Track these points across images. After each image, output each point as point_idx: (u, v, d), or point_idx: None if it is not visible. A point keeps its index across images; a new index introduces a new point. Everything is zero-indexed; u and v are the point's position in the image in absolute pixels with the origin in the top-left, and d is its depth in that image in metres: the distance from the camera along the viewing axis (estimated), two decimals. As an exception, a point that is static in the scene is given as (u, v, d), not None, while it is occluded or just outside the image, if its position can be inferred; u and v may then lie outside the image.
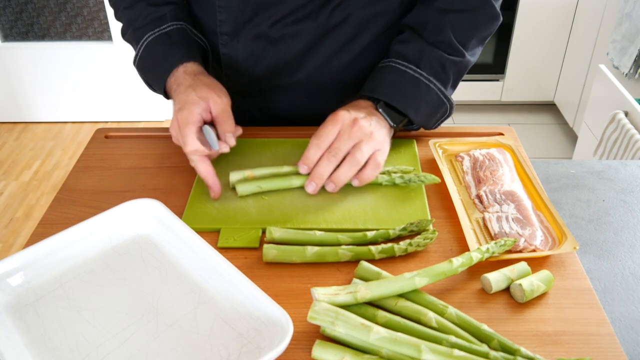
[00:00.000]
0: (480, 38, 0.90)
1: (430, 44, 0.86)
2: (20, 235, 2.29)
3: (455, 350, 0.57)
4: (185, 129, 0.78)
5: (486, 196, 0.79)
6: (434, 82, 0.86)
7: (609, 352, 0.60)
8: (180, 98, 0.82)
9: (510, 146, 0.89)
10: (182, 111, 0.79)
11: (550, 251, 0.70)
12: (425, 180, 0.81)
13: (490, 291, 0.66)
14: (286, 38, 0.90)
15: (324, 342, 0.59)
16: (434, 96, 0.86)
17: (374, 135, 0.80)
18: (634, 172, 0.95)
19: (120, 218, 0.73)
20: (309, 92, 0.96)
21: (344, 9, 0.88)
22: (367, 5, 0.88)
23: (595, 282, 0.76)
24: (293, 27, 0.89)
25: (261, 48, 0.91)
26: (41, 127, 3.04)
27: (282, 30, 0.89)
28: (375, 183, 0.82)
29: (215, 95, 0.81)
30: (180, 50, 0.89)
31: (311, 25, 0.88)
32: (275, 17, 0.88)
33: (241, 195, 0.80)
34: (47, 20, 2.88)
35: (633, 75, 2.27)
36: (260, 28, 0.89)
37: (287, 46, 0.91)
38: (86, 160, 0.91)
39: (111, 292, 0.66)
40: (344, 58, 0.92)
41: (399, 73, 0.85)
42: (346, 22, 0.89)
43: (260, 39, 0.90)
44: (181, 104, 0.81)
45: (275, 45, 0.91)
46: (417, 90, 0.85)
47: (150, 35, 0.91)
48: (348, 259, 0.71)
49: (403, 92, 0.85)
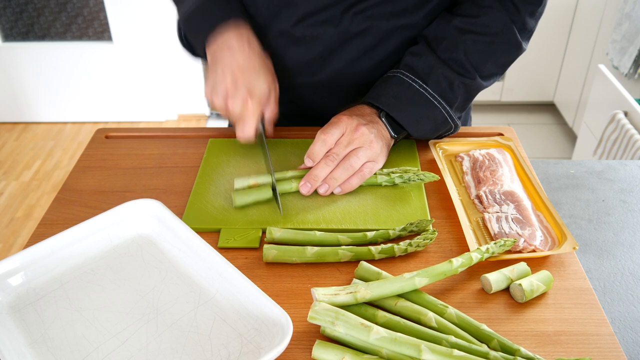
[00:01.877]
0: (499, 64, 0.89)
1: (441, 61, 0.85)
2: (21, 235, 2.29)
3: (455, 350, 0.57)
4: (253, 116, 0.82)
5: (486, 196, 0.79)
6: (438, 99, 0.85)
7: (609, 352, 0.60)
8: (247, 76, 0.82)
9: (510, 146, 0.89)
10: (251, 100, 0.82)
11: (549, 251, 0.70)
12: (425, 179, 0.81)
13: (490, 291, 0.67)
14: (307, 39, 0.90)
15: (324, 342, 0.59)
16: (438, 114, 0.86)
17: (373, 145, 0.81)
18: (634, 172, 0.95)
19: (121, 218, 0.73)
20: (332, 92, 0.96)
21: (367, 18, 0.87)
22: (391, 17, 0.88)
23: (595, 282, 0.76)
24: (314, 28, 0.89)
25: (283, 46, 0.92)
26: (41, 127, 3.04)
27: (304, 31, 0.89)
28: (375, 184, 0.82)
29: (274, 84, 0.87)
30: (231, 4, 0.88)
31: (332, 30, 0.88)
32: (296, 17, 0.88)
33: (237, 206, 0.79)
34: (48, 21, 2.88)
35: (633, 75, 2.27)
36: (283, 25, 0.90)
37: (308, 47, 0.91)
38: (86, 161, 0.91)
39: (111, 292, 0.66)
40: (366, 64, 0.92)
41: (405, 85, 0.85)
42: (368, 31, 0.89)
43: (283, 36, 0.91)
44: (247, 83, 0.82)
45: (298, 45, 0.91)
46: (419, 106, 0.85)
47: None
48: (348, 259, 0.71)
49: (405, 106, 0.85)
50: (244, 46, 0.85)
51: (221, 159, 0.89)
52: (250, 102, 0.82)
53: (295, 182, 0.81)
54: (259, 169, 0.86)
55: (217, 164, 0.88)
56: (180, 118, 3.06)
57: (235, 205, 0.78)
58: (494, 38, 0.86)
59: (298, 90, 0.97)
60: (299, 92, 0.98)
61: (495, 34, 0.86)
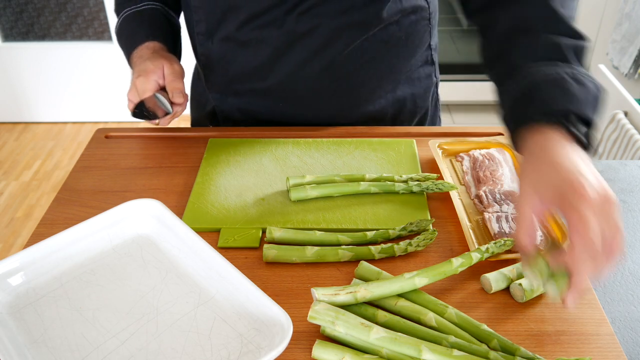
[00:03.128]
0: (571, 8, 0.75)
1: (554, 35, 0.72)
2: (21, 235, 2.29)
3: (455, 350, 0.57)
4: (143, 95, 0.89)
5: (486, 196, 0.79)
6: (584, 72, 0.69)
7: (609, 352, 0.60)
8: (139, 67, 0.90)
9: (510, 146, 0.89)
10: (139, 78, 0.88)
11: (549, 251, 0.70)
12: (444, 188, 0.79)
13: (490, 291, 0.66)
14: (253, 42, 0.90)
15: (324, 342, 0.59)
16: (593, 88, 0.68)
17: (613, 198, 0.57)
18: (634, 172, 0.95)
19: (120, 218, 0.73)
20: (283, 98, 0.95)
21: (312, 17, 0.86)
22: (337, 15, 0.86)
23: (595, 282, 0.76)
24: (259, 31, 0.88)
25: (231, 50, 0.92)
26: (41, 127, 3.03)
27: (249, 35, 0.89)
28: (392, 191, 0.81)
29: (168, 63, 0.90)
30: (146, 30, 0.95)
31: (277, 32, 0.88)
32: (239, 20, 0.88)
33: (294, 200, 0.79)
34: (48, 21, 2.88)
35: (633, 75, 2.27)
36: (229, 30, 0.90)
37: (255, 50, 0.90)
38: (86, 160, 0.91)
39: (111, 292, 0.66)
40: (316, 66, 0.90)
41: (554, 76, 0.67)
42: (316, 30, 0.87)
43: (230, 41, 0.91)
44: (138, 72, 0.89)
45: (244, 49, 0.91)
46: (583, 88, 0.67)
47: (127, 12, 0.98)
48: (348, 259, 0.71)
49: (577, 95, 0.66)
50: (149, 52, 0.93)
51: (221, 158, 0.89)
52: (139, 93, 0.89)
53: (311, 190, 0.79)
54: (260, 168, 0.86)
55: (217, 163, 0.87)
56: (180, 118, 3.06)
57: (293, 199, 0.79)
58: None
59: (249, 96, 0.97)
60: (251, 98, 0.97)
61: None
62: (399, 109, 1.01)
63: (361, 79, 0.94)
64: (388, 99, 0.99)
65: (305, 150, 0.90)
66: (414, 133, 0.97)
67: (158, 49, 0.93)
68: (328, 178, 0.82)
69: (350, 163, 0.88)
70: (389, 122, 1.02)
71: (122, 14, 0.98)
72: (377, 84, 0.95)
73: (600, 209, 0.56)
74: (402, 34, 0.92)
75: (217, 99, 0.99)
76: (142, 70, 0.89)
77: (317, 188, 0.79)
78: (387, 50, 0.92)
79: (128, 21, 0.97)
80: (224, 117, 1.01)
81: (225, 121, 1.02)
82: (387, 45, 0.92)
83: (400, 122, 1.03)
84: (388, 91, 0.98)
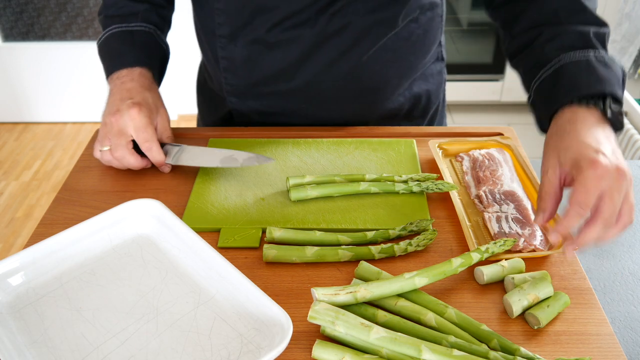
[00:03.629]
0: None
1: (578, 24, 0.78)
2: (21, 235, 2.29)
3: (455, 350, 0.57)
4: (152, 142, 0.83)
5: (486, 196, 0.79)
6: (609, 57, 0.75)
7: (609, 352, 0.60)
8: (129, 112, 0.83)
9: (509, 146, 0.89)
10: (139, 130, 0.83)
11: (549, 251, 0.70)
12: (444, 188, 0.79)
13: (482, 282, 0.67)
14: (283, 43, 0.89)
15: (324, 342, 0.59)
16: (618, 71, 0.75)
17: (626, 172, 0.64)
18: (634, 172, 0.95)
19: (120, 218, 0.73)
20: (308, 98, 0.95)
21: (343, 16, 0.86)
22: (366, 13, 0.87)
23: (595, 282, 0.76)
24: (290, 32, 0.88)
25: (258, 53, 0.91)
26: (41, 127, 3.04)
27: (279, 36, 0.88)
28: (392, 191, 0.81)
29: (162, 109, 0.89)
30: (137, 54, 0.92)
31: (309, 32, 0.87)
32: (271, 22, 0.87)
33: (294, 200, 0.79)
34: (48, 21, 2.88)
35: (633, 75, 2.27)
36: (257, 32, 0.89)
37: (284, 52, 0.90)
38: (86, 160, 0.91)
39: (111, 292, 0.66)
40: (344, 65, 0.91)
41: (585, 62, 0.74)
42: (345, 29, 0.88)
43: (257, 43, 0.90)
44: (133, 120, 0.83)
45: (273, 51, 0.90)
46: (610, 71, 0.73)
47: (116, 28, 0.94)
48: (348, 259, 0.71)
49: (607, 78, 0.72)
50: (134, 85, 0.88)
51: (221, 158, 0.89)
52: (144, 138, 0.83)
53: (311, 190, 0.79)
54: (260, 168, 0.86)
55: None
56: (180, 118, 3.06)
57: (293, 199, 0.79)
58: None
59: (271, 98, 0.96)
60: (273, 100, 0.96)
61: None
62: (414, 105, 1.03)
63: (384, 78, 0.94)
64: (405, 95, 1.00)
65: (305, 150, 0.90)
66: (414, 133, 0.97)
67: (146, 83, 0.90)
68: (328, 178, 0.82)
69: (350, 163, 0.88)
70: (402, 119, 1.03)
71: (110, 29, 0.94)
72: (397, 82, 0.96)
73: (610, 179, 0.62)
74: (420, 31, 0.93)
75: (235, 102, 0.98)
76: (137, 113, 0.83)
77: (317, 188, 0.79)
78: (407, 48, 0.93)
79: (116, 38, 0.93)
80: (242, 120, 1.00)
81: (243, 124, 1.01)
82: (408, 42, 0.93)
83: (413, 119, 1.04)
84: (406, 88, 0.99)
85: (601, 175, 0.62)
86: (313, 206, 0.79)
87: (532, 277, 0.66)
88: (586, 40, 0.76)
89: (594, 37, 0.76)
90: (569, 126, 0.69)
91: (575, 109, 0.71)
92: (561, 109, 0.72)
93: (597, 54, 0.74)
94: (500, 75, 2.96)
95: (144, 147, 0.83)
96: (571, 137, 0.68)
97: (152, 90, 0.89)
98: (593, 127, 0.68)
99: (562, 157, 0.67)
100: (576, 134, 0.68)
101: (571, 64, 0.74)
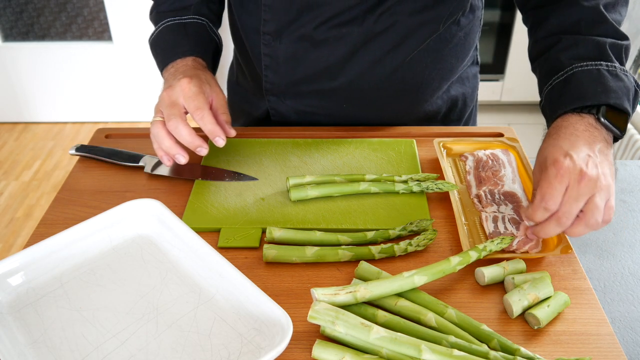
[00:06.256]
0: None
1: (597, 36, 0.78)
2: (21, 235, 2.29)
3: (455, 350, 0.57)
4: (204, 110, 0.79)
5: (485, 196, 0.79)
6: (622, 69, 0.77)
7: (609, 352, 0.60)
8: (179, 82, 0.81)
9: (515, 148, 0.89)
10: (190, 98, 0.79)
11: (543, 253, 0.70)
12: (444, 188, 0.79)
13: (483, 283, 0.67)
14: (330, 41, 0.88)
15: (324, 342, 0.59)
16: (629, 83, 0.76)
17: (601, 182, 0.66)
18: (634, 172, 0.95)
19: (120, 218, 0.73)
20: (349, 98, 0.95)
21: (391, 15, 0.86)
22: (413, 14, 0.87)
23: (595, 282, 0.76)
24: (337, 30, 0.87)
25: (303, 50, 0.90)
26: (41, 127, 3.03)
27: (326, 33, 0.88)
28: (392, 191, 0.81)
29: (217, 88, 0.85)
30: (190, 43, 0.91)
31: (356, 30, 0.87)
32: (320, 19, 0.87)
33: (294, 199, 0.79)
34: (48, 21, 2.88)
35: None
36: (304, 29, 0.88)
37: (330, 50, 0.89)
38: (86, 161, 0.91)
39: (111, 292, 0.66)
40: (388, 65, 0.91)
41: (596, 72, 0.75)
42: (392, 29, 0.87)
43: (303, 40, 0.89)
44: (184, 89, 0.80)
45: (318, 48, 0.89)
46: (620, 83, 0.74)
47: (169, 21, 0.94)
48: (348, 259, 0.71)
49: (620, 92, 0.74)
50: (187, 70, 0.86)
51: (221, 159, 0.89)
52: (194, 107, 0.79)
53: (311, 190, 0.79)
54: (260, 168, 0.86)
55: (217, 164, 0.88)
56: (181, 118, 3.06)
57: (293, 199, 0.79)
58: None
59: (312, 97, 0.95)
60: (313, 100, 0.96)
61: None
62: (451, 108, 1.03)
63: (425, 79, 0.94)
64: (444, 98, 1.01)
65: (305, 150, 0.90)
66: (414, 133, 0.97)
67: (200, 68, 0.88)
68: (328, 178, 0.82)
69: (350, 163, 0.88)
70: (439, 122, 1.04)
71: (163, 23, 0.94)
72: (437, 84, 0.97)
73: (571, 180, 0.65)
74: (461, 34, 0.94)
75: (273, 101, 0.97)
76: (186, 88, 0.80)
77: (317, 188, 0.79)
78: (448, 50, 0.93)
79: (170, 31, 0.93)
80: (279, 120, 1.00)
81: (280, 124, 1.00)
82: (449, 44, 0.93)
83: (450, 121, 1.05)
84: (444, 91, 1.00)
85: (562, 175, 0.65)
86: (313, 206, 0.79)
87: (532, 277, 0.66)
88: (601, 52, 0.76)
89: (610, 48, 0.77)
90: (554, 131, 0.72)
91: (568, 116, 0.73)
92: (561, 115, 0.74)
93: (610, 66, 0.75)
94: (500, 75, 2.96)
95: (195, 115, 0.79)
96: (550, 140, 0.71)
97: (206, 72, 0.87)
98: (577, 132, 0.70)
99: (538, 158, 0.72)
100: (556, 137, 0.71)
101: (581, 73, 0.75)
